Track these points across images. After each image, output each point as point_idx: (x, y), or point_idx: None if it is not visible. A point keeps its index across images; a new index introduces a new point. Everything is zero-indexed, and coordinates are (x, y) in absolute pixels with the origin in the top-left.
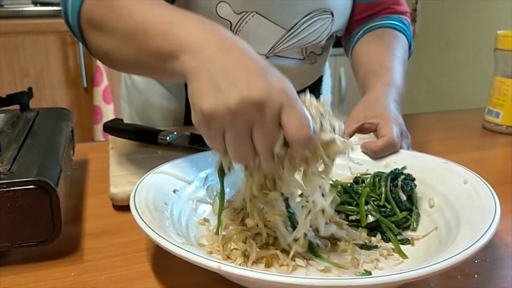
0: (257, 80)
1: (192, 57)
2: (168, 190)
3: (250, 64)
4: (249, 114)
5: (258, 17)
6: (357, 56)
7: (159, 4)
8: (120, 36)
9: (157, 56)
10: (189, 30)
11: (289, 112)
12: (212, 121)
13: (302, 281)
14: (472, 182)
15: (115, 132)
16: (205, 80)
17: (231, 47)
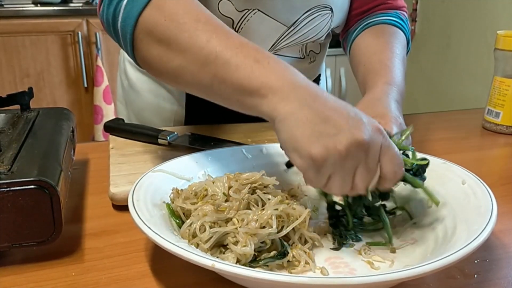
0: (356, 123)
1: (283, 100)
2: (167, 189)
3: (341, 108)
4: (357, 156)
5: (260, 14)
6: (356, 54)
7: (238, 35)
8: (193, 59)
9: (238, 89)
10: (276, 71)
11: (386, 152)
12: (323, 165)
13: (298, 280)
14: (470, 183)
15: (116, 132)
16: (307, 126)
17: (317, 92)
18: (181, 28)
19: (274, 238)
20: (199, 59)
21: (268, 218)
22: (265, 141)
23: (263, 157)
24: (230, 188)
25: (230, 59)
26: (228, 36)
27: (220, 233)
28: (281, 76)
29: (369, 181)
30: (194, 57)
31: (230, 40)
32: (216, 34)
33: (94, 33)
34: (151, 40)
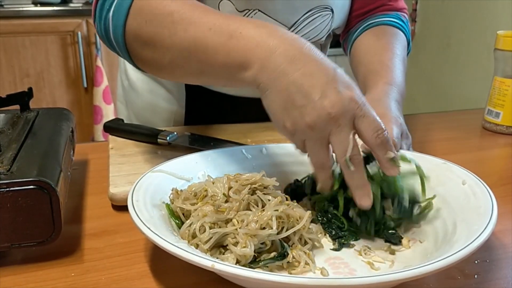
0: (328, 92)
1: (261, 70)
2: (166, 189)
3: (318, 72)
4: (325, 127)
5: (260, 15)
6: (356, 54)
7: (210, 13)
8: (178, 52)
9: (224, 69)
10: (250, 40)
11: (362, 121)
12: (294, 134)
13: (297, 280)
14: (470, 183)
15: (115, 132)
16: (280, 96)
17: (296, 53)
18: (160, 26)
19: (274, 239)
20: (183, 52)
21: (268, 219)
22: (265, 141)
23: (263, 157)
24: (230, 189)
25: (207, 44)
26: (201, 19)
27: (220, 234)
28: (255, 45)
29: (344, 149)
30: (178, 50)
31: (203, 24)
32: (190, 21)
33: (94, 34)
34: (140, 44)
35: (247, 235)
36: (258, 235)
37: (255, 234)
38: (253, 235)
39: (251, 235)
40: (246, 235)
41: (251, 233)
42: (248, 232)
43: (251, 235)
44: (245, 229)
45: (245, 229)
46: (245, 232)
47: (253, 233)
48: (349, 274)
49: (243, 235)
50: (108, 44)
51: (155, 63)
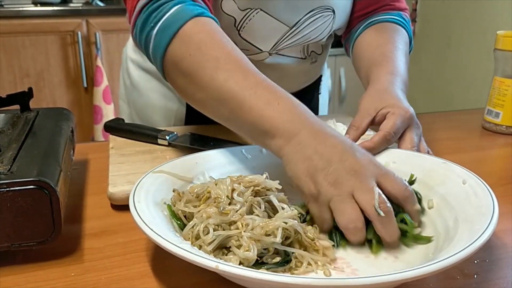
0: (347, 156)
1: (287, 141)
2: (167, 189)
3: (338, 144)
4: (348, 182)
5: (262, 14)
6: (358, 51)
7: (253, 73)
8: (212, 96)
9: (251, 128)
10: (285, 113)
11: (386, 179)
12: (319, 197)
13: (300, 281)
14: (470, 183)
15: (116, 131)
16: (304, 164)
17: (319, 129)
18: (203, 65)
19: (277, 247)
20: (217, 97)
21: (274, 228)
22: None
23: (263, 158)
24: (234, 191)
25: (244, 100)
26: (245, 75)
27: (223, 236)
28: (288, 119)
29: (370, 198)
30: (213, 94)
31: (246, 81)
32: (234, 73)
33: (94, 33)
34: (177, 71)
35: (251, 239)
36: (262, 241)
37: (259, 240)
38: (257, 240)
39: (255, 240)
40: (250, 239)
41: (255, 237)
42: (252, 236)
43: (255, 240)
44: (249, 233)
45: (249, 233)
46: (249, 236)
47: (257, 238)
48: (351, 274)
49: (247, 239)
50: (143, 53)
51: (186, 94)
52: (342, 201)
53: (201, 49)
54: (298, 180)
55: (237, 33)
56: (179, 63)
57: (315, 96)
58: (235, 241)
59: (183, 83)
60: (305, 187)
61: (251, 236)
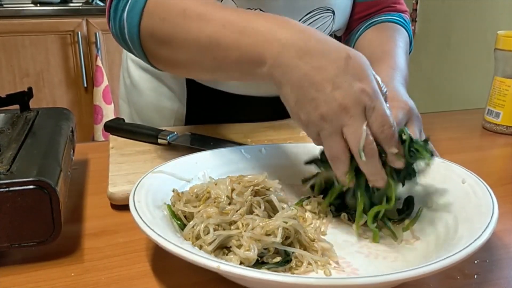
0: (339, 84)
1: (274, 65)
2: (167, 190)
3: (329, 65)
4: (337, 118)
5: None
6: (359, 49)
7: (222, 9)
8: (193, 50)
9: (238, 65)
10: (261, 36)
11: (371, 113)
12: (308, 126)
13: (301, 280)
14: (470, 182)
15: (116, 131)
16: (293, 90)
17: (305, 45)
18: (174, 24)
19: (278, 247)
20: (197, 49)
21: (275, 228)
22: (265, 141)
23: (263, 158)
24: (233, 190)
25: (220, 41)
26: (213, 15)
27: (224, 236)
28: (265, 41)
29: (357, 139)
30: (193, 48)
31: (216, 20)
32: (203, 18)
33: (94, 33)
34: (155, 43)
35: (251, 239)
36: (262, 241)
37: (260, 239)
38: (258, 240)
39: (256, 240)
40: (251, 239)
41: (256, 237)
42: (253, 236)
43: (256, 240)
44: (250, 233)
45: (250, 232)
46: (249, 236)
47: (257, 238)
48: (351, 273)
49: (247, 239)
50: (123, 44)
51: (171, 61)
52: (329, 136)
53: (167, 10)
54: (289, 108)
55: None
56: (154, 33)
57: None
58: (235, 241)
59: (164, 52)
60: (295, 117)
61: (251, 236)
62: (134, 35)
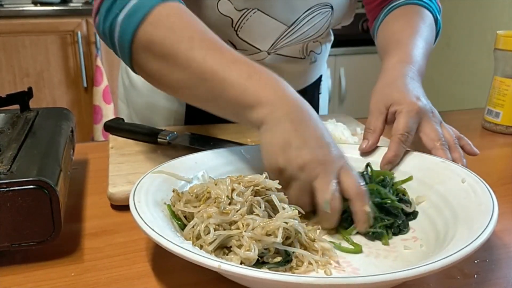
0: (324, 144)
1: (270, 111)
2: (167, 190)
3: (318, 129)
4: (314, 170)
5: (260, 14)
6: (379, 41)
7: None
8: (191, 76)
9: (233, 104)
10: (268, 84)
11: (347, 174)
12: (283, 172)
13: (302, 280)
14: (469, 181)
15: (115, 131)
16: (281, 137)
17: (305, 110)
18: (178, 46)
19: (278, 247)
20: (196, 76)
21: (275, 228)
22: None
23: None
24: (233, 190)
25: (225, 77)
26: (222, 52)
27: (224, 236)
28: (272, 90)
29: (327, 191)
30: (192, 74)
31: (224, 57)
32: (211, 51)
33: (94, 33)
34: (149, 56)
35: (251, 239)
36: (262, 241)
37: (260, 239)
38: (258, 240)
39: (256, 240)
40: (251, 238)
41: (256, 237)
42: (253, 236)
43: (256, 240)
44: (250, 233)
45: (250, 232)
46: (250, 236)
47: (258, 238)
48: (352, 273)
49: (248, 239)
50: (108, 42)
51: (161, 77)
52: (301, 187)
53: (174, 31)
54: (269, 151)
55: (235, 33)
56: (151, 46)
57: (316, 96)
58: (236, 241)
59: (156, 66)
60: (273, 158)
61: (252, 236)
62: (126, 41)
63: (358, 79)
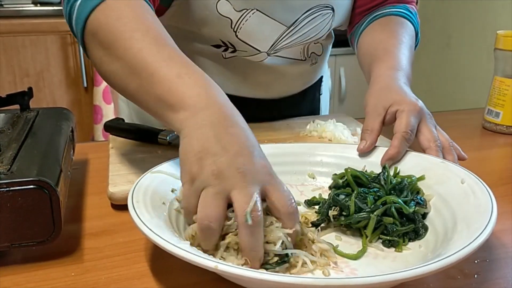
0: (245, 153)
1: (191, 114)
2: (166, 190)
3: (242, 135)
4: (230, 178)
5: (259, 14)
6: (362, 46)
7: (166, 43)
8: (125, 66)
9: (157, 101)
10: (194, 88)
11: (276, 189)
12: (195, 180)
13: (300, 280)
14: (469, 182)
15: (116, 131)
16: (199, 143)
17: (229, 115)
18: (120, 35)
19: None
20: (128, 68)
21: (276, 239)
22: (265, 141)
23: None
24: None
25: (154, 72)
26: (160, 48)
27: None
28: (196, 94)
29: (245, 202)
30: (125, 65)
31: (159, 54)
32: (149, 45)
33: None
34: (95, 42)
35: None
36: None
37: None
38: None
39: None
40: None
41: None
42: None
43: None
44: None
45: None
46: None
47: None
48: (350, 274)
49: None
50: (69, 27)
51: (101, 65)
52: (214, 195)
53: (121, 20)
54: (185, 156)
55: (234, 34)
56: (97, 33)
57: (316, 97)
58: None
59: (99, 54)
60: (187, 165)
61: None
62: (79, 26)
63: (358, 79)
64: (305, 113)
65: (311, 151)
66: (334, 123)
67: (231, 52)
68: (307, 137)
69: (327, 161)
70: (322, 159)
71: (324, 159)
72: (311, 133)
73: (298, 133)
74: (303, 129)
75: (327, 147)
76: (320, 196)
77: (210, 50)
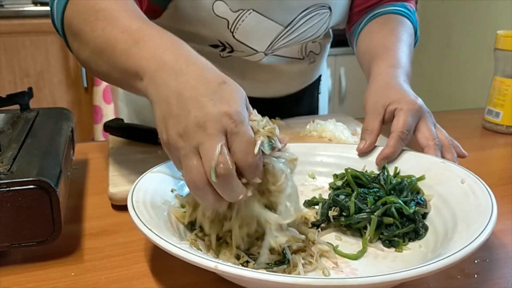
0: (204, 104)
1: (150, 82)
2: (165, 190)
3: (199, 84)
4: (193, 135)
5: (255, 15)
6: (361, 45)
7: (131, 16)
8: (93, 49)
9: (123, 74)
10: (150, 51)
11: (235, 138)
12: (169, 147)
13: (300, 280)
14: (469, 182)
15: (115, 131)
16: (161, 106)
17: (183, 67)
18: (86, 20)
19: None
20: (97, 49)
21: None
22: None
23: None
24: None
25: (115, 45)
26: (120, 21)
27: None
28: (151, 56)
29: (209, 156)
30: (94, 47)
31: (119, 26)
32: (111, 21)
33: None
34: (70, 34)
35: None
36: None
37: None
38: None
39: None
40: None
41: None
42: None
43: None
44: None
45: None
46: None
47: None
48: (350, 274)
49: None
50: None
51: (77, 55)
52: (187, 156)
53: (88, 5)
54: (157, 127)
55: (231, 35)
56: (70, 25)
57: (315, 96)
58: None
59: (74, 44)
60: (160, 135)
61: None
62: (58, 22)
63: (358, 79)
64: (304, 112)
65: (311, 151)
66: (334, 123)
67: (229, 52)
68: (306, 137)
69: (327, 161)
70: (322, 159)
71: (324, 159)
72: (311, 133)
73: (297, 133)
74: (302, 129)
75: (327, 147)
76: (320, 196)
77: (207, 50)
